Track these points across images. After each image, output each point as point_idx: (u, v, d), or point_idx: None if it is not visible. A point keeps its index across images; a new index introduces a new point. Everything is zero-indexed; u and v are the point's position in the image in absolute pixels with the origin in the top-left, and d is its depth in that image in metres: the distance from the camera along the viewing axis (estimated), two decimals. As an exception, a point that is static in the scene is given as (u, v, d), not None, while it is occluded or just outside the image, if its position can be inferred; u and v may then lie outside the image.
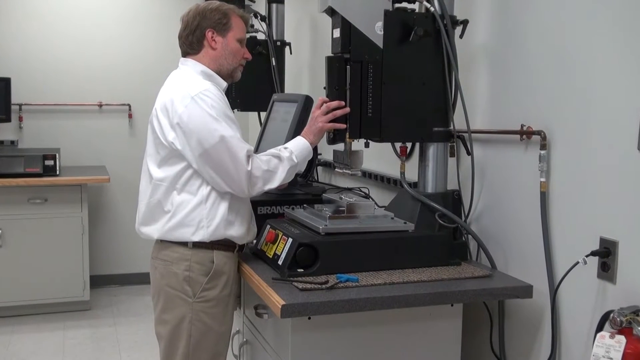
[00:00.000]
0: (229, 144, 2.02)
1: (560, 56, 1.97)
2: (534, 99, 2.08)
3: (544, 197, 2.02)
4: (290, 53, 3.84)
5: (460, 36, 2.24)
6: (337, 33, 2.12)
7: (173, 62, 2.27)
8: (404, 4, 2.20)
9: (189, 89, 2.06)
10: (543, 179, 2.01)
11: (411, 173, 2.45)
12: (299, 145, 2.16)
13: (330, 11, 2.12)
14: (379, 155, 2.93)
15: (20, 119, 4.93)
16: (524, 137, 2.10)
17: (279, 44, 3.76)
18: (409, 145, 2.49)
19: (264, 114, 3.03)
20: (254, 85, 3.57)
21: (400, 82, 2.16)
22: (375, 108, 2.14)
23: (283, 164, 2.11)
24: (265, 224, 2.28)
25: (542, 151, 2.00)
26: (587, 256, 1.78)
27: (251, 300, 2.26)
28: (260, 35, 3.79)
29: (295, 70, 4.14)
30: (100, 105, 5.14)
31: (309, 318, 1.85)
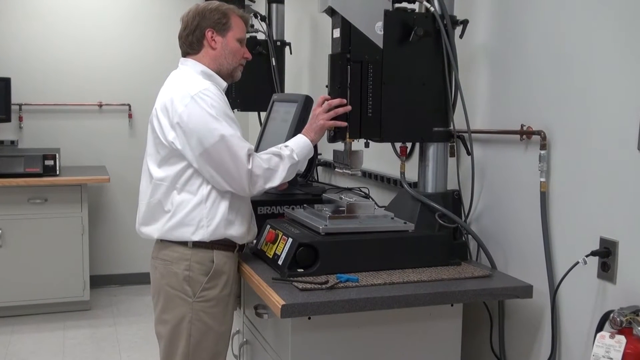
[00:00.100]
0: (229, 143, 2.02)
1: (560, 56, 1.97)
2: (534, 99, 2.08)
3: (544, 197, 2.02)
4: (290, 53, 3.84)
5: (460, 36, 2.24)
6: (337, 33, 2.12)
7: (173, 62, 2.27)
8: (404, 4, 2.20)
9: (189, 89, 2.06)
10: (543, 179, 2.01)
11: (411, 173, 2.45)
12: (299, 143, 2.16)
13: (330, 11, 2.12)
14: (379, 155, 2.93)
15: (20, 119, 4.93)
16: (524, 137, 2.10)
17: (279, 44, 3.76)
18: (409, 145, 2.49)
19: (264, 114, 3.03)
20: (254, 85, 3.58)
21: (400, 82, 2.16)
22: (375, 108, 2.14)
23: (284, 162, 2.11)
24: (265, 224, 2.28)
25: (542, 151, 2.00)
26: (587, 256, 1.78)
27: (251, 300, 2.26)
28: (260, 35, 3.79)
29: (295, 70, 4.14)
30: (100, 105, 5.14)
31: (309, 318, 1.85)
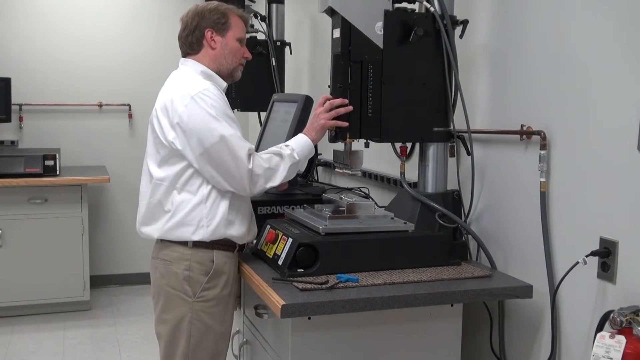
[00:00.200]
0: (229, 143, 2.02)
1: (560, 56, 1.97)
2: (534, 99, 2.08)
3: (544, 197, 2.02)
4: (290, 53, 3.84)
5: (460, 36, 2.24)
6: (337, 33, 2.12)
7: (173, 62, 2.27)
8: (404, 4, 2.20)
9: (189, 89, 2.06)
10: (543, 179, 2.01)
11: (411, 173, 2.45)
12: (300, 143, 2.16)
13: (330, 11, 2.12)
14: (379, 155, 2.93)
15: (20, 119, 4.93)
16: (524, 137, 2.10)
17: (279, 44, 3.76)
18: (409, 145, 2.49)
19: (264, 114, 3.03)
20: (254, 85, 3.58)
21: (400, 82, 2.16)
22: (375, 108, 2.14)
23: (284, 161, 2.11)
24: (265, 224, 2.28)
25: (542, 151, 2.00)
26: (587, 256, 1.78)
27: (251, 300, 2.26)
28: (260, 35, 3.79)
29: (295, 70, 4.14)
30: (100, 106, 5.14)
31: (309, 318, 1.85)
